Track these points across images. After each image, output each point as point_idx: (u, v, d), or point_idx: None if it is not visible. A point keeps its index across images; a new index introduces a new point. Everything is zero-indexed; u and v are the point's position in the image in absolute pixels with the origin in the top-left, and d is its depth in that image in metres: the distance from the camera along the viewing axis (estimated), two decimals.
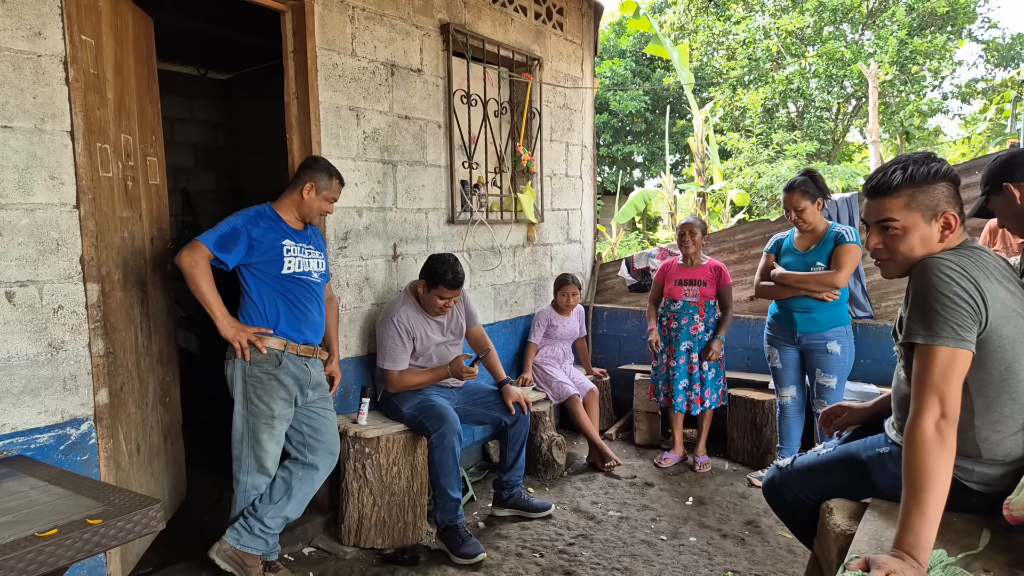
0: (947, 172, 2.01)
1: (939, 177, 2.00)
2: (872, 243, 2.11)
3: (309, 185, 3.36)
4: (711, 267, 5.12)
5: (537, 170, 5.63)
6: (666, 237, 15.15)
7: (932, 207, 2.00)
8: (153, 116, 3.82)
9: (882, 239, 2.08)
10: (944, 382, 1.82)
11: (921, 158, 2.03)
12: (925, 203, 2.00)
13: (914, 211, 2.01)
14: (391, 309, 4.09)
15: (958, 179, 2.04)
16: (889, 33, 18.29)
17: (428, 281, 4.02)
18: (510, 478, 4.33)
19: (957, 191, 2.03)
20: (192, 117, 6.87)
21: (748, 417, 5.23)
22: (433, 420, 3.91)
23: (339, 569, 3.68)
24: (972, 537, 1.92)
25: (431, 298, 4.05)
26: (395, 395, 4.11)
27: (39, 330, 2.78)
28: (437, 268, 3.98)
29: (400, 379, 4.07)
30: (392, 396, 4.13)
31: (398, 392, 4.11)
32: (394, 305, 4.11)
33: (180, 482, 4.11)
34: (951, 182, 2.01)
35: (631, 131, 23.67)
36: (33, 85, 2.72)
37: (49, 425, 2.82)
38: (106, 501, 2.17)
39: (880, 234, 2.08)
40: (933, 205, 2.00)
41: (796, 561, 3.74)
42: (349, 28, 4.05)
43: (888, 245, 2.06)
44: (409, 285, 4.24)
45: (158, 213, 3.81)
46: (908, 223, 2.01)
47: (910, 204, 2.01)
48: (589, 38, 6.39)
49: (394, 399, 4.10)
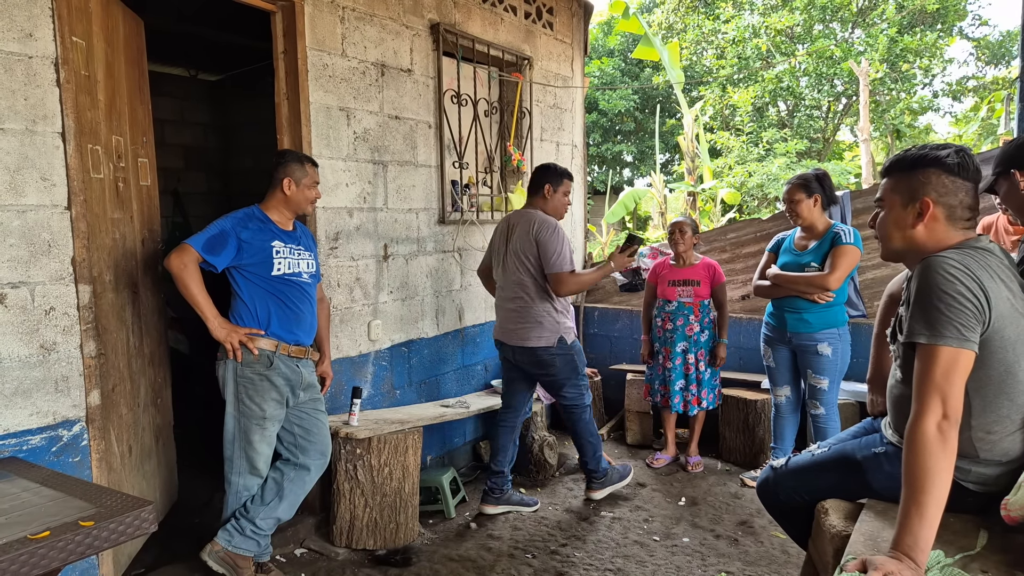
0: (937, 159, 1.98)
1: (926, 163, 2.00)
2: (870, 221, 2.21)
3: (287, 181, 3.35)
4: (704, 266, 5.11)
5: (527, 170, 5.62)
6: (656, 236, 15.17)
7: (911, 191, 2.02)
8: (144, 117, 3.80)
9: (875, 218, 2.17)
10: (946, 382, 1.81)
11: (926, 146, 2.04)
12: (905, 187, 2.04)
13: (896, 193, 2.07)
14: (545, 219, 4.19)
15: (958, 168, 1.98)
16: (879, 31, 18.37)
17: (552, 182, 4.25)
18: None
19: (954, 182, 1.98)
20: (183, 118, 6.83)
21: (740, 417, 5.24)
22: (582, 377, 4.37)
23: (331, 570, 3.68)
24: (970, 537, 1.91)
25: (560, 198, 4.30)
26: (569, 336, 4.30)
27: (31, 332, 2.77)
28: (554, 167, 4.31)
29: (575, 279, 4.15)
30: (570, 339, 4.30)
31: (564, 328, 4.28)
32: (544, 219, 4.19)
33: (172, 483, 4.10)
34: (944, 171, 1.98)
35: (620, 130, 23.72)
36: (24, 87, 2.71)
37: (41, 427, 2.81)
38: (98, 503, 2.16)
39: (876, 214, 2.17)
40: (912, 189, 2.02)
41: (790, 562, 3.75)
42: (339, 28, 4.05)
43: (878, 224, 2.15)
44: (532, 206, 4.32)
45: (149, 214, 3.80)
46: (889, 203, 2.09)
47: (895, 186, 2.08)
48: (579, 37, 6.39)
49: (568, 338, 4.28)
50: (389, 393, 4.57)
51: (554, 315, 4.21)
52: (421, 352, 4.82)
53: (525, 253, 4.15)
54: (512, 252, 4.22)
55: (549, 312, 4.20)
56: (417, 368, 4.79)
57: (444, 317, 5.00)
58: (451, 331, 5.08)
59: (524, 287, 4.18)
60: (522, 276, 4.18)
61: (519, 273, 4.19)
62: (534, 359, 4.24)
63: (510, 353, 4.33)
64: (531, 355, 4.23)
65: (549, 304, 4.20)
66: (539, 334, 4.18)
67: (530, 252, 4.13)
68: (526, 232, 4.16)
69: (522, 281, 4.19)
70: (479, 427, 5.39)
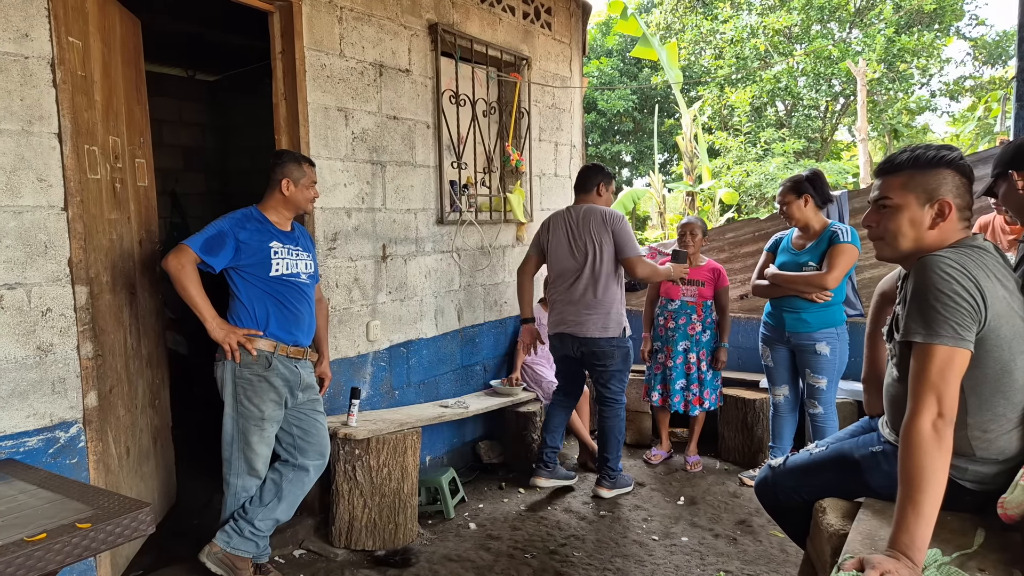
0: (953, 161, 1.99)
1: (943, 164, 1.99)
2: (866, 220, 2.13)
3: (285, 182, 3.34)
4: (710, 268, 5.11)
5: (526, 170, 5.63)
6: (655, 236, 15.18)
7: (929, 191, 1.99)
8: (141, 118, 3.79)
9: (877, 217, 2.10)
10: (942, 381, 1.81)
11: (934, 146, 2.03)
12: (923, 185, 2.00)
13: (909, 192, 2.01)
14: (615, 212, 4.41)
15: (968, 171, 2.00)
16: (877, 31, 18.40)
17: (605, 180, 4.52)
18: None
19: (964, 184, 2.00)
20: (180, 119, 6.82)
21: (739, 416, 5.24)
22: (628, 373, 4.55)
23: (330, 571, 3.67)
24: (967, 536, 1.91)
25: (609, 196, 4.56)
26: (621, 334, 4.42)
27: (27, 333, 2.76)
28: (604, 168, 4.57)
29: (650, 265, 4.44)
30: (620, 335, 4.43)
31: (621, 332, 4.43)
32: (613, 211, 4.43)
33: (170, 485, 4.09)
34: (957, 172, 1.99)
35: (619, 130, 23.75)
36: (20, 87, 2.70)
37: (38, 428, 2.80)
38: (95, 505, 2.15)
39: (876, 212, 2.10)
40: (931, 189, 1.99)
41: (788, 561, 3.75)
42: (337, 29, 4.04)
43: (881, 223, 2.08)
44: (585, 202, 4.52)
45: (146, 215, 3.79)
46: (901, 202, 2.02)
47: (907, 184, 2.02)
48: (577, 38, 6.39)
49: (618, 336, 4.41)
50: (388, 394, 4.57)
51: (620, 307, 4.41)
52: (420, 352, 4.81)
53: (600, 244, 4.33)
54: (583, 244, 4.37)
55: (617, 303, 4.39)
56: (416, 368, 4.79)
57: (443, 317, 5.00)
58: (450, 331, 5.08)
59: (596, 278, 4.35)
60: (596, 267, 4.35)
61: (595, 264, 4.36)
62: (598, 349, 4.40)
63: (574, 346, 4.48)
64: (596, 345, 4.39)
65: (618, 295, 4.39)
66: (606, 324, 4.37)
67: (606, 242, 4.31)
68: (600, 223, 4.35)
69: (595, 272, 4.36)
70: (478, 427, 5.39)
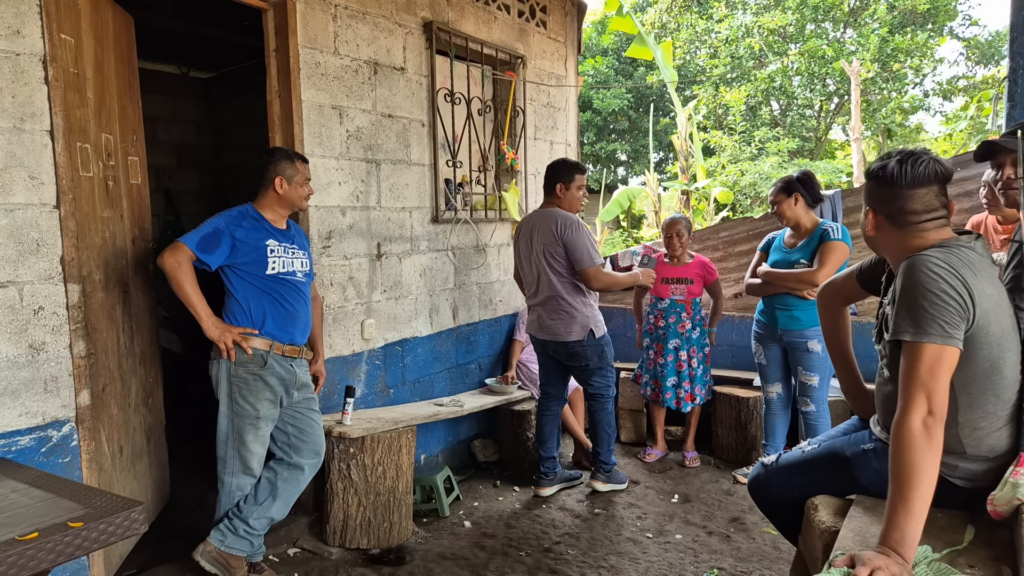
0: (869, 172, 2.15)
1: (867, 176, 2.18)
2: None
3: (279, 179, 3.33)
4: (697, 264, 5.13)
5: (521, 168, 5.63)
6: (650, 235, 15.18)
7: (863, 201, 2.21)
8: (134, 115, 3.78)
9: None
10: (931, 379, 1.83)
11: (881, 157, 2.16)
12: (864, 194, 2.22)
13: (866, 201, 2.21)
14: (567, 217, 4.33)
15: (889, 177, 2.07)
16: (871, 31, 18.42)
17: (564, 180, 4.40)
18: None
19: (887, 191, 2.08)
20: (174, 116, 6.81)
21: (733, 414, 5.25)
22: (610, 368, 4.56)
23: (324, 570, 3.67)
24: (956, 533, 1.93)
25: (574, 193, 4.44)
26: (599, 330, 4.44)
27: (19, 331, 2.75)
28: (563, 164, 4.47)
29: (607, 275, 4.41)
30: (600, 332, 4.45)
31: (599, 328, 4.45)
32: (566, 216, 4.34)
33: (164, 483, 4.08)
34: (874, 180, 2.13)
35: (614, 129, 23.75)
36: (11, 84, 2.69)
37: (30, 427, 2.79)
38: (88, 503, 2.15)
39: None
40: (864, 199, 2.21)
41: (781, 558, 3.75)
42: (332, 26, 4.04)
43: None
44: (548, 206, 4.46)
45: (140, 213, 3.78)
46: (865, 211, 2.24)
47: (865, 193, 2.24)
48: (573, 36, 6.39)
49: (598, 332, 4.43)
50: (383, 392, 4.57)
51: (583, 310, 4.39)
52: (415, 351, 4.81)
53: (552, 253, 4.32)
54: (538, 253, 4.37)
55: (578, 307, 4.37)
56: (411, 367, 4.78)
57: (438, 316, 4.99)
58: (445, 330, 5.08)
59: (553, 285, 4.35)
60: (551, 275, 4.35)
61: (548, 272, 4.35)
62: (568, 351, 4.44)
63: (549, 347, 4.51)
64: (565, 348, 4.43)
65: (579, 299, 4.38)
66: (570, 329, 4.37)
67: (557, 251, 4.30)
68: (550, 232, 4.31)
69: (551, 280, 4.35)
70: (473, 426, 5.39)
